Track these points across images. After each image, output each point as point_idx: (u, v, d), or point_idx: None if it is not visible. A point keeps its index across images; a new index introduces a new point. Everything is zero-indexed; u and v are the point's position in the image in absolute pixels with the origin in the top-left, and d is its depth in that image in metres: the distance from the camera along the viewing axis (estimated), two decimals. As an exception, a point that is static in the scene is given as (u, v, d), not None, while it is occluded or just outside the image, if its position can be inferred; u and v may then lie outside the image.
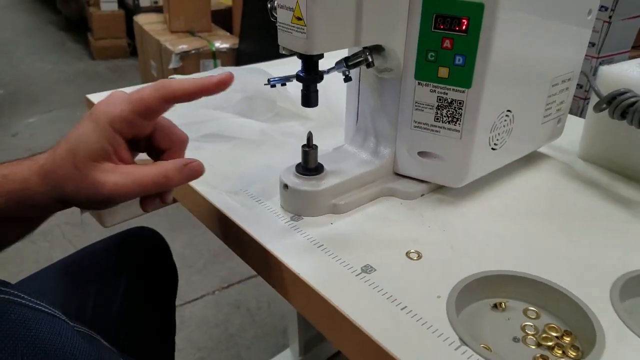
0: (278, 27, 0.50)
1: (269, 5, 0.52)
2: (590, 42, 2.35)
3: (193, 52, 2.51)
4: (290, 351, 1.32)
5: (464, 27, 0.51)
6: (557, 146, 0.74)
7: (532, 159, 0.70)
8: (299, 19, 0.47)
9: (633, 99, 0.60)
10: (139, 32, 2.96)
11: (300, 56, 0.51)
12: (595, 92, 0.64)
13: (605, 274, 0.49)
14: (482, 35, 0.51)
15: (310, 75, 0.52)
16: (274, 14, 0.51)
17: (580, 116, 0.84)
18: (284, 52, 0.52)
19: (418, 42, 0.54)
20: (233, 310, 1.58)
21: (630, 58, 2.28)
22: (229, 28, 2.91)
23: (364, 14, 0.49)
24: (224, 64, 2.59)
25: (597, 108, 0.64)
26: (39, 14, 5.05)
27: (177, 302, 0.84)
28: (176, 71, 2.47)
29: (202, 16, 2.71)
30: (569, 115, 0.79)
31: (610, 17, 2.07)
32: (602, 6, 2.08)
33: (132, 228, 0.79)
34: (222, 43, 2.61)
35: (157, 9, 3.26)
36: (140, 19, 2.98)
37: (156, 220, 1.02)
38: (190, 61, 2.52)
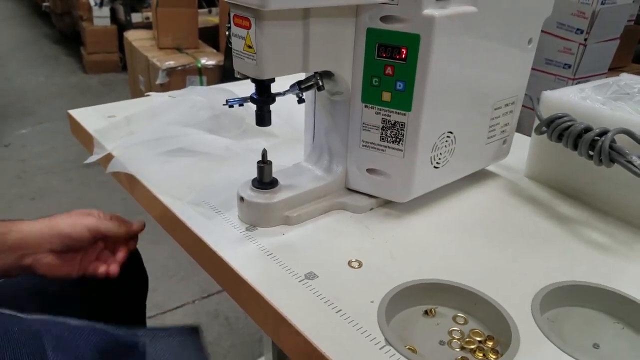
0: (233, 53, 0.55)
1: (227, 33, 0.57)
2: (565, 64, 2.39)
3: (179, 68, 2.57)
4: (265, 360, 1.36)
5: (403, 56, 0.56)
6: (506, 165, 0.78)
7: (479, 177, 0.74)
8: (250, 47, 0.52)
9: (568, 123, 0.65)
10: (128, 47, 3.01)
11: (253, 80, 0.55)
12: (537, 116, 0.69)
13: (531, 285, 0.54)
14: (419, 63, 0.55)
15: (263, 98, 0.57)
16: (230, 41, 0.56)
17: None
18: (239, 76, 0.56)
19: (363, 68, 0.59)
20: (212, 319, 1.62)
21: (606, 80, 2.33)
22: (216, 45, 2.96)
23: (311, 43, 0.54)
24: (209, 80, 2.65)
25: (538, 130, 0.69)
26: (33, 27, 5.10)
27: (158, 310, 0.87)
28: (162, 87, 2.52)
29: (189, 33, 2.77)
30: (521, 136, 0.84)
31: (585, 39, 2.13)
32: (577, 29, 2.14)
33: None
34: (208, 60, 2.67)
35: (148, 25, 3.31)
36: (130, 35, 3.04)
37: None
38: (177, 77, 2.57)
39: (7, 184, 2.35)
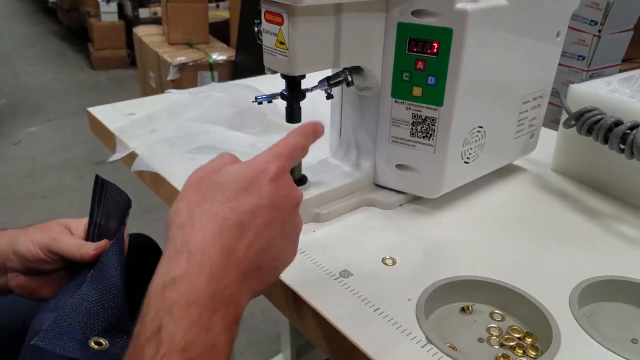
0: (264, 49, 0.55)
1: (255, 29, 0.56)
2: (580, 56, 2.37)
3: (191, 63, 2.56)
4: (282, 357, 1.36)
5: (435, 50, 0.55)
6: (532, 159, 0.78)
7: (506, 171, 0.74)
8: (282, 43, 0.52)
9: (599, 117, 0.64)
10: (138, 43, 3.01)
11: (284, 76, 0.55)
12: (564, 109, 0.69)
13: (567, 281, 0.53)
14: (451, 58, 0.55)
15: (293, 94, 0.56)
16: (260, 37, 0.55)
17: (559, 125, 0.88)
18: (268, 73, 0.56)
19: (394, 63, 0.58)
20: (227, 317, 1.62)
21: (621, 71, 2.33)
22: (226, 40, 2.96)
23: (342, 38, 0.54)
24: (220, 76, 2.64)
25: (566, 124, 0.68)
26: (40, 24, 5.11)
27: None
28: (174, 83, 2.52)
29: (200, 28, 2.76)
30: (544, 129, 0.83)
31: (599, 31, 2.11)
32: (591, 20, 2.12)
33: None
34: (219, 55, 2.66)
35: (156, 20, 3.31)
36: (140, 31, 3.04)
37: (153, 227, 1.06)
38: (188, 73, 2.56)
39: (17, 182, 2.36)
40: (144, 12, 3.56)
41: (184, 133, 0.76)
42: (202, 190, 0.40)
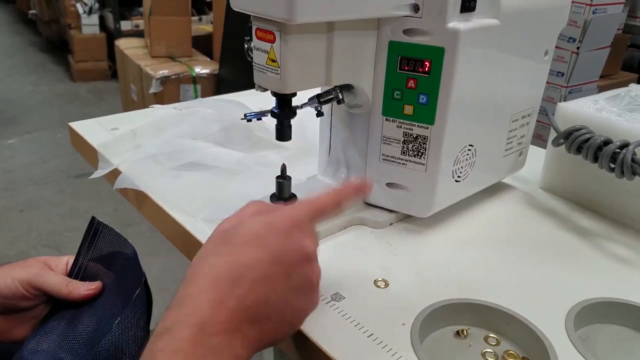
0: (254, 67, 0.54)
1: (245, 46, 0.55)
2: (559, 72, 2.42)
3: (173, 77, 2.54)
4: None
5: (426, 69, 0.55)
6: (520, 176, 0.77)
7: (495, 189, 0.73)
8: (273, 61, 0.51)
9: (587, 136, 0.64)
10: (120, 56, 2.98)
11: (274, 94, 0.54)
12: (553, 128, 0.69)
13: (561, 302, 0.53)
14: (443, 77, 0.54)
15: (284, 112, 0.55)
16: (250, 54, 0.54)
17: (542, 140, 0.88)
18: (259, 90, 0.55)
19: (385, 81, 0.57)
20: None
21: (599, 87, 2.36)
22: (209, 53, 2.94)
23: (334, 57, 0.53)
24: (203, 89, 2.62)
25: (555, 143, 0.68)
26: (20, 35, 5.05)
27: (152, 326, 0.85)
28: (156, 96, 2.49)
29: (182, 42, 2.74)
30: (532, 147, 0.83)
31: (578, 48, 2.15)
32: (570, 37, 2.16)
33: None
34: (202, 68, 2.64)
35: (139, 33, 3.29)
36: (122, 44, 3.01)
37: (133, 244, 1.04)
38: (171, 86, 2.54)
39: (-5, 195, 2.31)
40: (125, 25, 3.53)
41: (170, 149, 0.74)
42: (216, 243, 0.43)
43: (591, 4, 2.05)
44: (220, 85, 2.63)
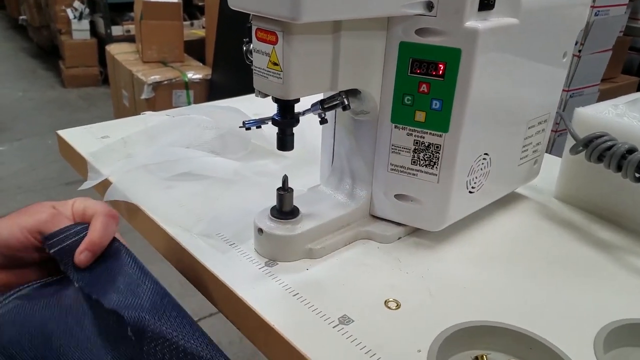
0: (254, 71, 0.49)
1: (244, 48, 0.51)
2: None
3: (165, 82, 2.50)
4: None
5: (440, 72, 0.51)
6: (533, 186, 0.73)
7: (508, 200, 0.69)
8: (275, 64, 0.46)
9: (610, 143, 0.60)
10: (111, 61, 2.94)
11: (276, 100, 0.50)
12: (571, 135, 0.65)
13: (588, 324, 0.48)
14: (459, 80, 0.50)
15: (287, 119, 0.51)
16: (249, 57, 0.50)
17: (551, 149, 0.84)
18: (259, 96, 0.50)
19: (394, 86, 0.53)
20: (205, 347, 1.54)
21: (600, 91, 2.33)
22: (201, 59, 2.90)
23: (341, 59, 0.49)
24: (196, 95, 2.58)
25: (574, 151, 0.64)
26: (10, 41, 4.98)
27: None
28: (148, 102, 2.44)
29: (174, 47, 2.70)
30: (545, 155, 0.79)
31: (580, 51, 2.12)
32: (571, 41, 2.13)
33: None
34: (195, 74, 2.60)
35: (130, 38, 3.24)
36: (113, 49, 2.96)
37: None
38: (163, 91, 2.49)
39: (-17, 204, 2.25)
40: (116, 30, 3.49)
41: (162, 159, 0.70)
42: None
43: (593, 5, 2.02)
44: (213, 90, 2.58)
